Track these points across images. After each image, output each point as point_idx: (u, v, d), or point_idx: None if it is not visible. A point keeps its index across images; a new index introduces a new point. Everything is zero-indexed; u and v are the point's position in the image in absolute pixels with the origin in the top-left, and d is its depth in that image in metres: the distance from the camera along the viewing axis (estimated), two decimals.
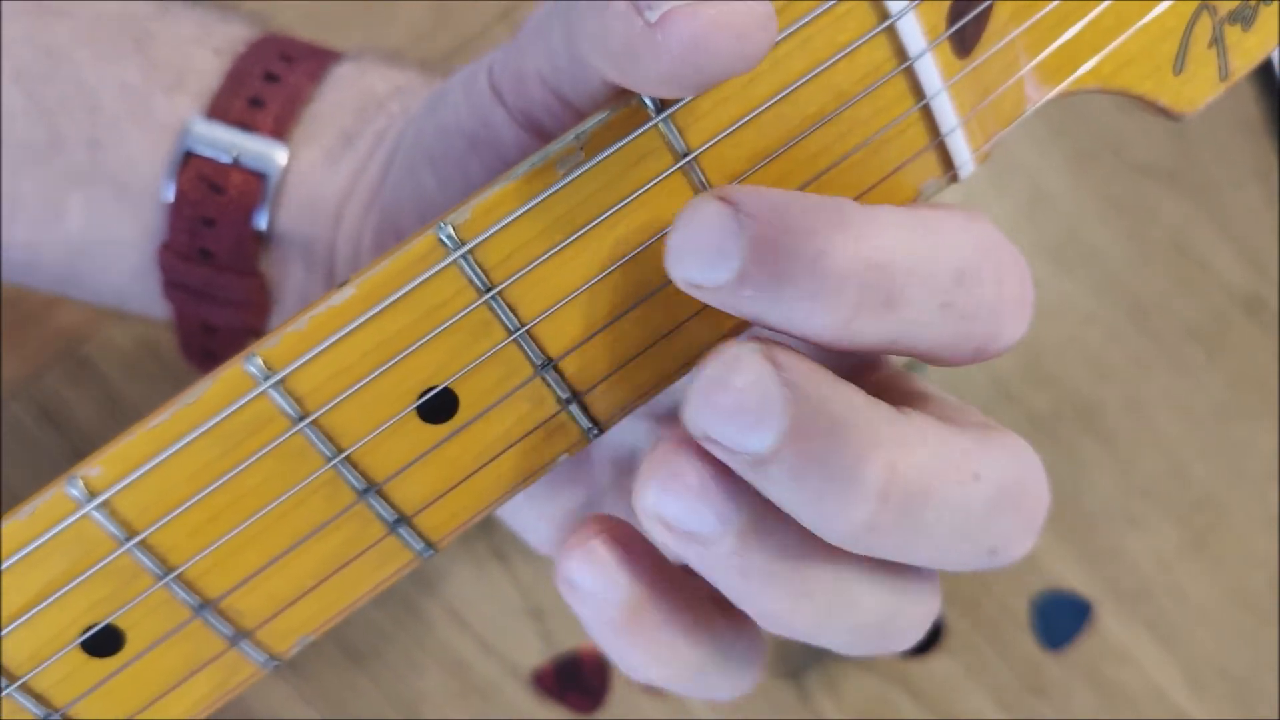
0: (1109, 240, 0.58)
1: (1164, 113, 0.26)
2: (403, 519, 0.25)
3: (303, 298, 0.34)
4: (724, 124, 0.23)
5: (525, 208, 0.22)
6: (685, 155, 0.23)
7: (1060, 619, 0.57)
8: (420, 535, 0.25)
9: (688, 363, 0.25)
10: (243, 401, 0.23)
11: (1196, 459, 0.58)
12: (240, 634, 0.25)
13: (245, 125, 0.32)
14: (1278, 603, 0.58)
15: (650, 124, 0.22)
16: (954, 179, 0.25)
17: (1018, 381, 0.57)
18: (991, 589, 0.56)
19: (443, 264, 0.23)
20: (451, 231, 0.22)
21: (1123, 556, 0.57)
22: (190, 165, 0.32)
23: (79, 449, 0.21)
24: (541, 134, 0.26)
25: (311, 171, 0.33)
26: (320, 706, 0.52)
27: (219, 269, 0.33)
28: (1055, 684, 0.57)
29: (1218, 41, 0.26)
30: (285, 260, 0.33)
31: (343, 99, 0.33)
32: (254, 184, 0.32)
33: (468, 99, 0.28)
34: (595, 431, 0.25)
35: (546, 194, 0.23)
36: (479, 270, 0.23)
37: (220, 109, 0.33)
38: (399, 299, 0.23)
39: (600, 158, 0.22)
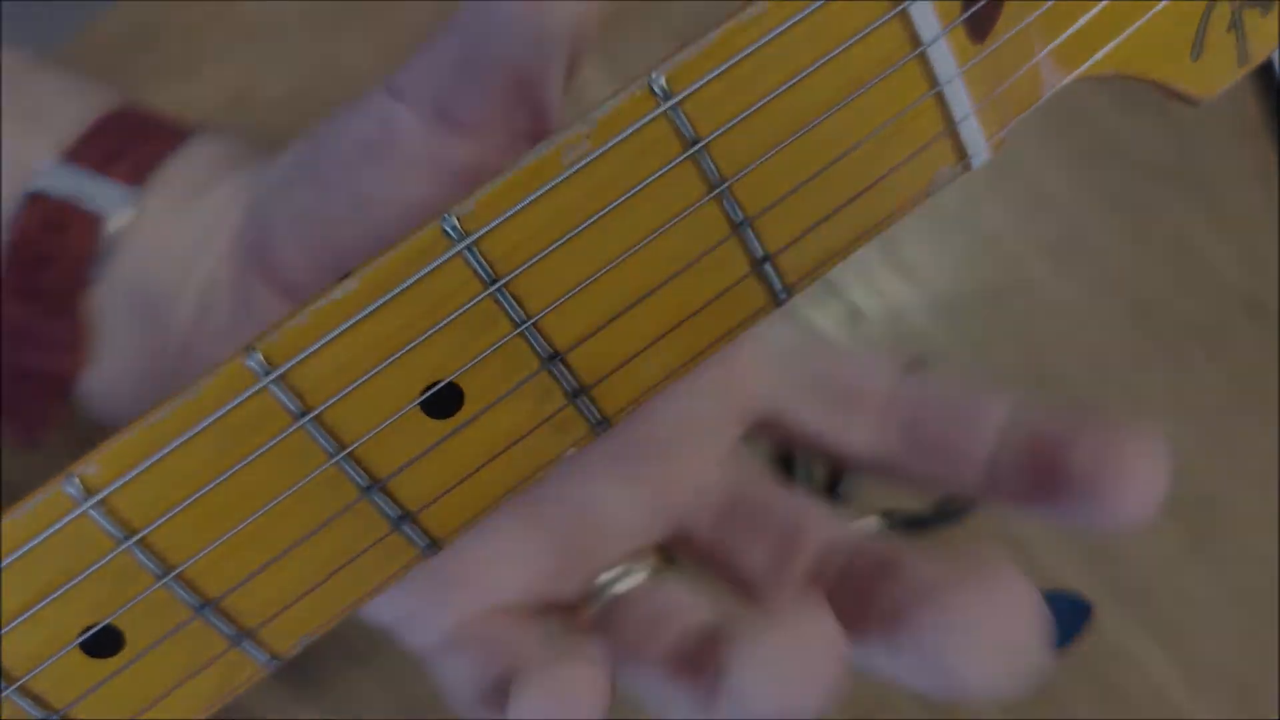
0: (1109, 240, 0.58)
1: (1182, 98, 0.26)
2: (406, 516, 0.24)
3: (138, 350, 0.33)
4: (734, 112, 0.22)
5: (530, 198, 0.22)
6: (695, 143, 0.22)
7: (1060, 619, 0.57)
8: (424, 532, 0.25)
9: (699, 354, 0.25)
10: (243, 397, 0.22)
11: (1197, 458, 0.58)
12: (242, 633, 0.25)
13: (99, 172, 0.32)
14: (1278, 603, 0.57)
15: (658, 110, 0.22)
16: (967, 167, 0.24)
17: (1018, 381, 0.57)
18: None
19: (447, 256, 0.22)
20: (456, 223, 0.22)
21: (1123, 556, 0.57)
22: (34, 205, 0.32)
23: (80, 449, 0.21)
24: None
25: (160, 220, 0.32)
26: (321, 707, 0.51)
27: (47, 311, 0.33)
28: (1055, 684, 0.56)
29: (1236, 26, 0.25)
30: (116, 309, 0.33)
31: (202, 154, 0.33)
32: (95, 227, 0.32)
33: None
34: (604, 426, 0.25)
35: (552, 184, 0.22)
36: (484, 262, 0.22)
37: (76, 155, 0.33)
38: (402, 292, 0.22)
39: (607, 146, 0.22)
